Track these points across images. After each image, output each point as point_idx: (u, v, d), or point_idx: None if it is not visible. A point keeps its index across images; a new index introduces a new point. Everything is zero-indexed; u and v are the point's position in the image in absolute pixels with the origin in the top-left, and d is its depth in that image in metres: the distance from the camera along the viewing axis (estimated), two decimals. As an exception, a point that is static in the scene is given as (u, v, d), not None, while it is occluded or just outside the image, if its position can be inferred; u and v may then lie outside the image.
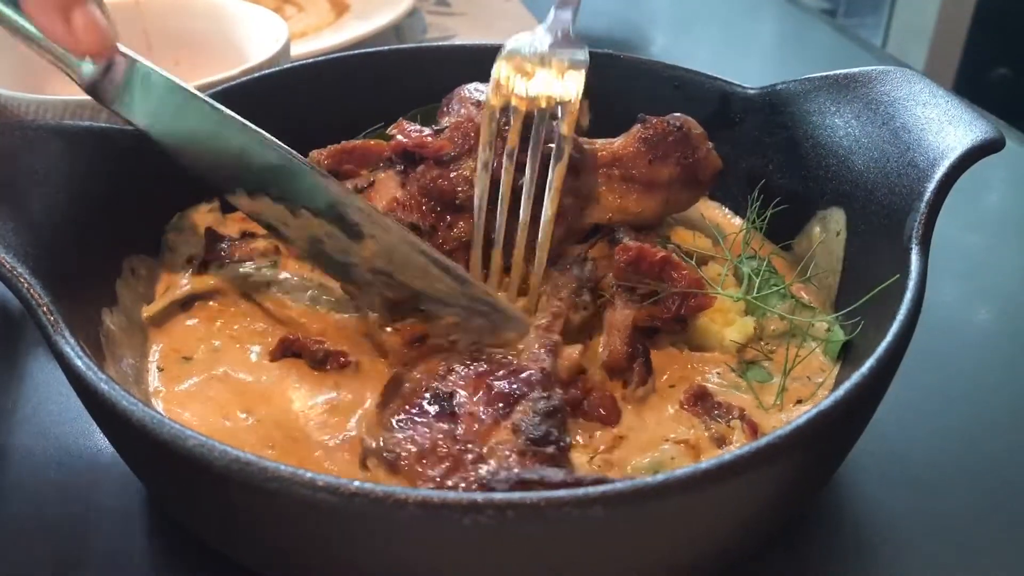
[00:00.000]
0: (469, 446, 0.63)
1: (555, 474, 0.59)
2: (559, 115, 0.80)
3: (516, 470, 0.60)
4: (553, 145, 0.79)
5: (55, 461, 0.77)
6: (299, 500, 0.49)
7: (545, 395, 0.67)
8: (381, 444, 0.64)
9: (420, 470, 0.62)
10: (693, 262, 0.82)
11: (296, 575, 0.60)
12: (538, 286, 0.79)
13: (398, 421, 0.65)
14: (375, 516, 0.49)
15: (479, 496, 0.48)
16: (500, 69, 0.83)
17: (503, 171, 0.79)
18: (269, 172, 0.74)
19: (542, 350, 0.72)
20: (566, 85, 0.82)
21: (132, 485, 0.74)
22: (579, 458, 0.67)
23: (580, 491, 0.48)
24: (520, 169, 0.79)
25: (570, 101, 0.80)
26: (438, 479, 0.61)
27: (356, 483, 0.49)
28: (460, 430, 0.64)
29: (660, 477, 0.49)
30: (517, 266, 0.79)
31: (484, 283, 0.78)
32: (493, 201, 0.80)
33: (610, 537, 0.51)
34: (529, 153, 0.79)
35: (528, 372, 0.69)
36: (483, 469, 0.61)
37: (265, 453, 0.68)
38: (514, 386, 0.68)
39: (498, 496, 0.48)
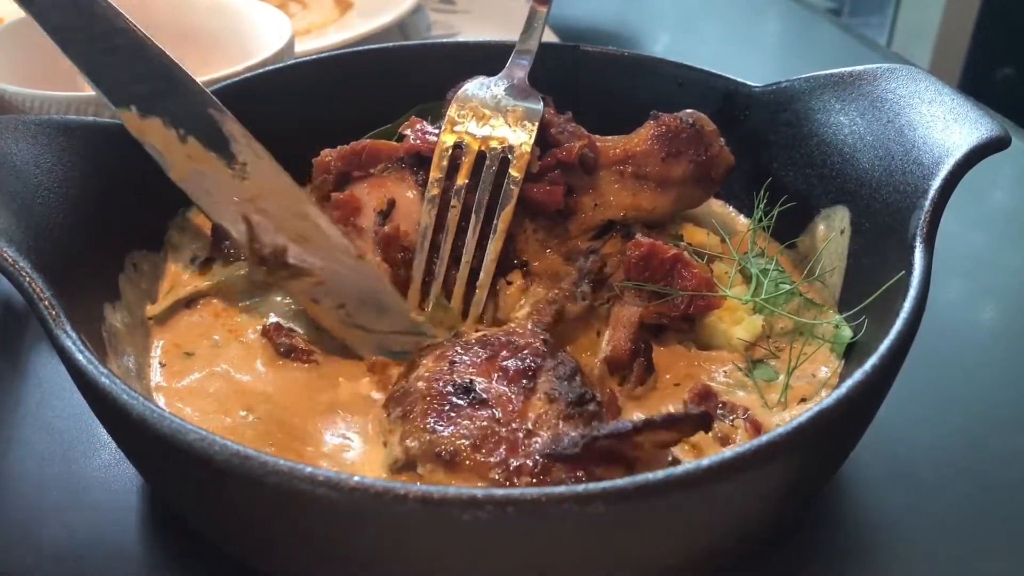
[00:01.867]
0: (514, 425, 0.63)
1: (623, 424, 0.58)
2: (510, 158, 0.81)
3: (580, 431, 0.60)
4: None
5: (57, 456, 0.77)
6: (299, 495, 0.49)
7: (559, 360, 0.68)
8: (430, 446, 0.62)
9: (482, 459, 0.60)
10: (703, 261, 0.82)
11: (296, 570, 0.60)
12: (476, 318, 0.80)
13: (434, 421, 0.64)
14: (375, 511, 0.49)
15: (479, 492, 0.48)
16: (455, 110, 0.85)
17: (450, 208, 0.81)
18: (169, 93, 0.72)
19: (536, 328, 0.72)
20: (519, 133, 0.83)
21: (133, 480, 0.74)
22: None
23: (580, 487, 0.48)
24: (467, 209, 0.81)
25: (521, 146, 0.82)
26: (503, 465, 0.60)
27: (356, 478, 0.49)
28: (499, 413, 0.63)
29: (662, 474, 0.49)
30: (457, 299, 0.80)
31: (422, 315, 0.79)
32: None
33: (611, 533, 0.51)
34: (478, 191, 0.80)
35: (530, 344, 0.69)
36: (537, 443, 0.61)
37: (266, 450, 0.67)
38: (526, 361, 0.68)
39: (498, 492, 0.48)
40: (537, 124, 0.83)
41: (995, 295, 1.04)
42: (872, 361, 0.58)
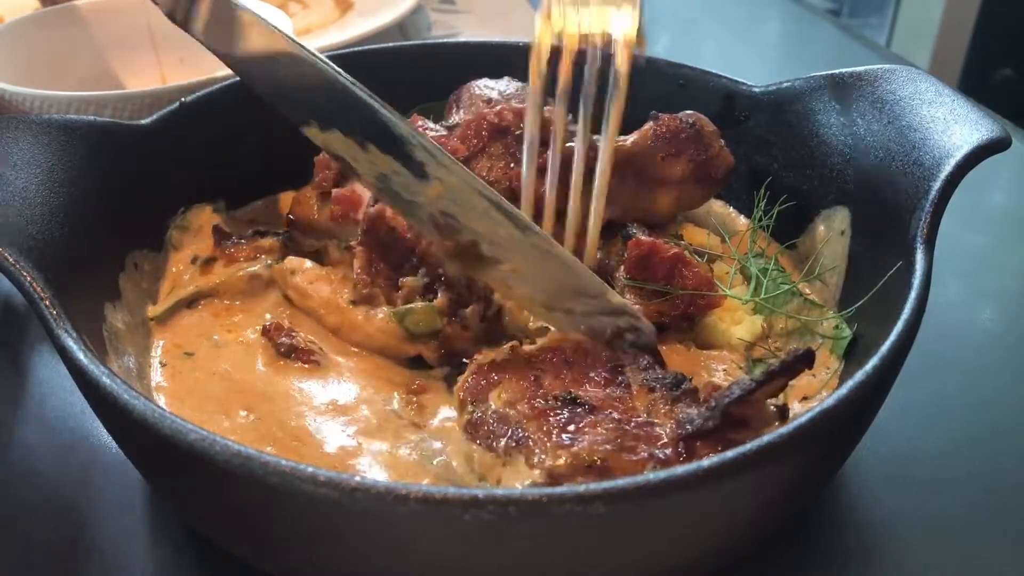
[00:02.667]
0: (638, 420, 0.63)
1: (746, 384, 0.61)
2: (613, 50, 0.76)
3: (707, 405, 0.62)
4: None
5: (58, 456, 0.77)
6: (300, 495, 0.49)
7: (632, 355, 0.69)
8: (577, 460, 0.60)
9: (633, 458, 0.60)
10: (703, 261, 0.82)
11: (297, 571, 0.60)
12: (597, 235, 0.78)
13: (566, 436, 0.62)
14: (376, 511, 0.49)
15: (480, 492, 0.48)
16: None
17: (555, 114, 0.76)
18: (341, 107, 0.74)
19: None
20: (621, 15, 0.77)
21: (134, 480, 0.74)
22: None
23: (581, 487, 0.48)
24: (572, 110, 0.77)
25: (626, 32, 0.76)
26: (652, 459, 0.60)
27: (357, 478, 0.49)
28: (616, 414, 0.64)
29: (663, 474, 0.49)
30: (575, 212, 0.77)
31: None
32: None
33: (612, 534, 0.51)
34: (583, 92, 0.76)
35: (595, 348, 0.70)
36: (668, 430, 0.61)
37: (266, 450, 0.68)
38: (608, 363, 0.69)
39: (499, 492, 0.48)
40: (639, 3, 0.77)
41: (995, 296, 1.04)
42: (873, 362, 0.58)
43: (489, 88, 0.93)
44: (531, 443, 0.63)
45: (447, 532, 0.50)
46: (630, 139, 0.87)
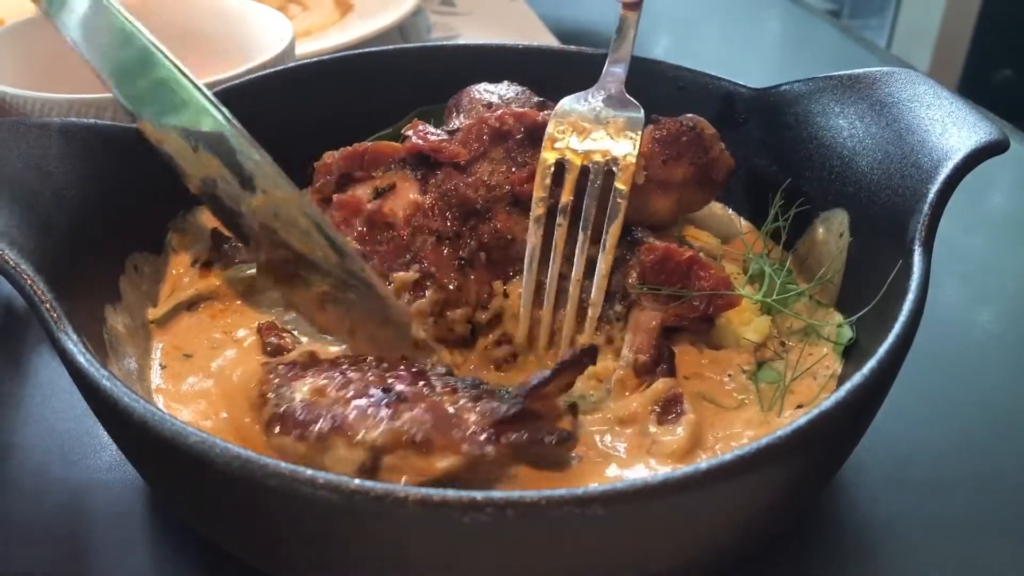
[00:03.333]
0: (446, 410, 0.65)
1: (542, 375, 0.66)
2: (615, 171, 0.80)
3: (511, 395, 0.66)
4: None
5: (58, 458, 0.77)
6: (299, 497, 0.49)
7: (426, 364, 0.71)
8: (396, 435, 0.62)
9: (449, 437, 0.62)
10: (717, 262, 0.82)
11: (296, 572, 0.60)
12: (592, 328, 0.78)
13: (374, 414, 0.64)
14: (375, 514, 0.49)
15: (478, 494, 0.48)
16: (554, 126, 0.83)
17: (556, 227, 0.79)
18: (178, 107, 0.74)
19: None
20: (622, 143, 0.82)
21: (135, 482, 0.74)
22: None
23: (580, 490, 0.48)
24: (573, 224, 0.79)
25: (626, 156, 0.81)
26: (467, 439, 0.63)
27: (356, 481, 0.49)
28: (426, 404, 0.65)
29: (660, 476, 0.50)
30: (570, 321, 0.78)
31: (537, 338, 0.78)
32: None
33: (609, 536, 0.51)
34: (584, 207, 0.79)
35: (391, 358, 0.72)
36: (475, 419, 0.64)
37: (267, 452, 0.68)
38: (411, 368, 0.70)
39: (497, 495, 0.48)
40: (640, 134, 0.83)
41: (993, 298, 1.04)
42: (870, 364, 0.58)
43: (489, 92, 0.93)
44: (349, 421, 0.63)
45: (445, 534, 0.50)
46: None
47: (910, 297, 0.64)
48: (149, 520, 0.72)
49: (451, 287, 0.79)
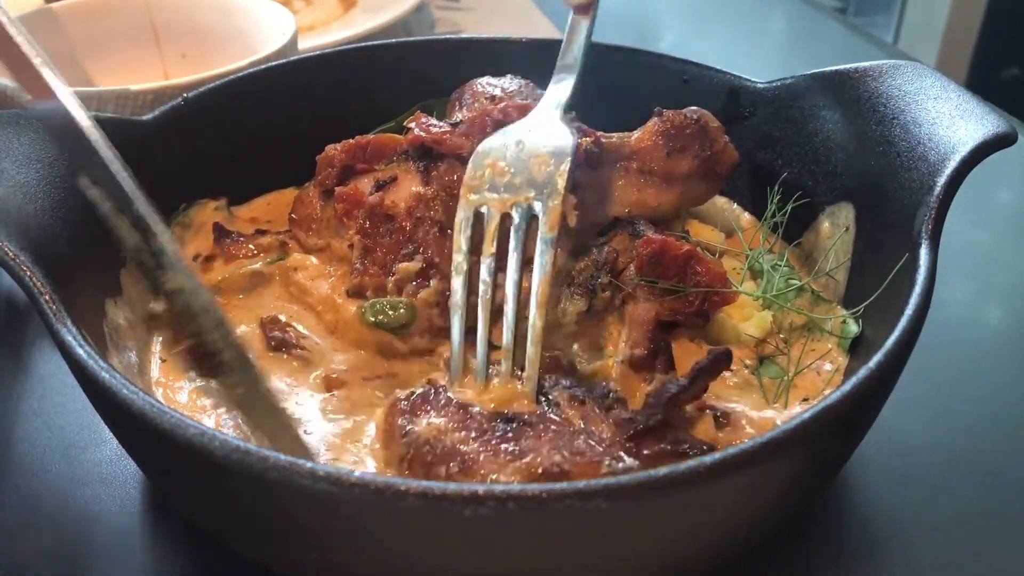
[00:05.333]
0: (576, 428, 0.62)
1: (682, 381, 0.65)
2: (540, 214, 0.72)
3: (650, 401, 0.64)
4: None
5: (59, 451, 0.77)
6: (299, 490, 0.49)
7: (549, 377, 0.68)
8: (531, 469, 0.59)
9: (586, 460, 0.59)
10: (715, 257, 0.81)
11: (297, 565, 0.60)
12: (532, 392, 0.68)
13: (503, 454, 0.60)
14: (375, 507, 0.49)
15: (480, 487, 0.48)
16: (471, 172, 0.75)
17: (480, 283, 0.71)
18: (102, 173, 0.69)
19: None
20: (547, 181, 0.73)
21: (135, 476, 0.74)
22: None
23: (582, 484, 0.48)
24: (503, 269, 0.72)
25: (552, 197, 0.72)
26: (604, 456, 0.60)
27: (356, 473, 0.49)
28: (554, 427, 0.63)
29: (664, 471, 0.49)
30: (506, 376, 0.69)
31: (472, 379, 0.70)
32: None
33: (612, 530, 0.51)
34: (509, 263, 0.71)
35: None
36: (607, 434, 0.62)
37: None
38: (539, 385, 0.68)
39: (498, 488, 0.48)
40: (567, 166, 0.73)
41: (1001, 293, 1.03)
42: (877, 358, 0.58)
43: (492, 85, 0.93)
44: (476, 465, 0.60)
45: (446, 527, 0.50)
46: (634, 136, 0.86)
47: (916, 291, 0.63)
48: (149, 514, 0.72)
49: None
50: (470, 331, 0.71)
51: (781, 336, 0.79)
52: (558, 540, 0.51)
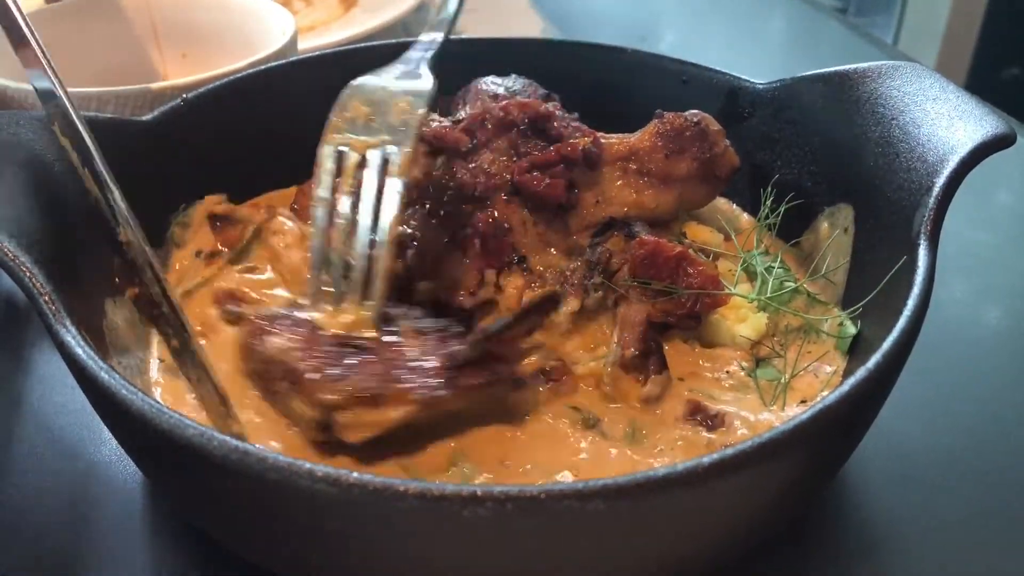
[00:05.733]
0: (407, 355, 0.67)
1: (503, 320, 0.69)
2: (393, 158, 0.75)
3: (469, 338, 0.68)
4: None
5: (58, 452, 0.77)
6: (297, 491, 0.49)
7: (404, 309, 0.72)
8: (348, 392, 0.64)
9: (401, 387, 0.64)
10: (708, 259, 0.81)
11: (296, 566, 0.60)
12: (375, 321, 0.71)
13: (337, 372, 0.65)
14: (374, 507, 0.49)
15: (478, 489, 0.48)
16: (336, 113, 0.79)
17: (339, 217, 0.74)
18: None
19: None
20: (401, 128, 0.77)
21: (134, 476, 0.74)
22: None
23: (580, 484, 0.48)
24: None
25: (404, 144, 0.76)
26: (420, 386, 0.65)
27: (355, 474, 0.49)
28: (386, 354, 0.67)
29: (662, 471, 0.49)
30: (354, 306, 0.71)
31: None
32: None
33: (610, 531, 0.51)
34: (361, 202, 0.74)
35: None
36: (434, 362, 0.66)
37: (269, 445, 0.68)
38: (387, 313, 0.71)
39: (497, 489, 0.48)
40: (423, 111, 0.78)
41: (1000, 295, 1.03)
42: (875, 359, 0.58)
43: (496, 85, 0.93)
44: (303, 383, 0.65)
45: (445, 528, 0.50)
46: (634, 137, 0.86)
47: (915, 291, 0.63)
48: (148, 514, 0.72)
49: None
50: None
51: (776, 338, 0.79)
52: (556, 541, 0.51)
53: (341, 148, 0.77)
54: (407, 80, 0.83)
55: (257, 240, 0.89)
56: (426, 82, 0.82)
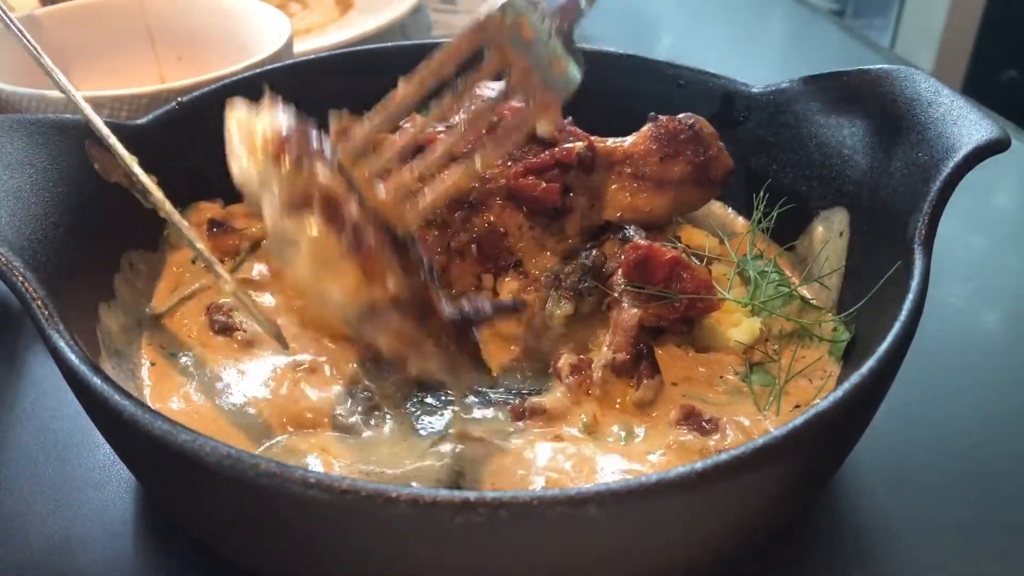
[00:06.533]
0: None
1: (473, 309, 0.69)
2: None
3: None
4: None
5: (52, 456, 0.77)
6: (290, 496, 0.49)
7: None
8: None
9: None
10: (702, 263, 0.81)
11: (288, 571, 0.60)
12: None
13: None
14: (366, 513, 0.49)
15: (471, 495, 0.47)
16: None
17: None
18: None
19: None
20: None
21: (127, 481, 0.74)
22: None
23: (573, 490, 0.48)
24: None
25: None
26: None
27: (348, 480, 0.49)
28: None
29: (655, 477, 0.49)
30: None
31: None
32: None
33: (604, 536, 0.51)
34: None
35: None
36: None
37: (262, 443, 0.68)
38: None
39: (490, 495, 0.47)
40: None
41: (996, 299, 1.03)
42: (869, 364, 0.58)
43: (490, 89, 0.93)
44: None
45: (438, 534, 0.50)
46: (628, 141, 0.86)
47: (910, 296, 0.63)
48: (141, 519, 0.72)
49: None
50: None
51: (770, 343, 0.79)
52: (549, 546, 0.51)
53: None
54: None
55: (254, 253, 0.89)
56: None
